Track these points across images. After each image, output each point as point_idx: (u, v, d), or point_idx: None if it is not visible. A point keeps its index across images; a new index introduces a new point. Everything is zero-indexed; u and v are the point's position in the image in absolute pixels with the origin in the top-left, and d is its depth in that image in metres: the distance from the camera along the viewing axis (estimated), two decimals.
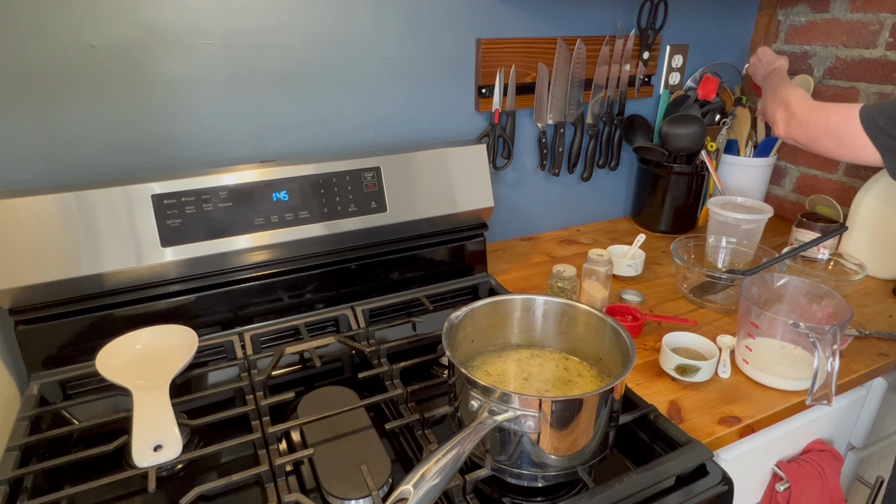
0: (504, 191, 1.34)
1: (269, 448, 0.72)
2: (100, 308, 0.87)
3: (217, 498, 0.69)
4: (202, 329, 0.92)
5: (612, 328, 0.74)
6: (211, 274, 0.93)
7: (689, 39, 1.42)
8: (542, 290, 1.13)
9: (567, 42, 1.23)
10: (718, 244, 1.19)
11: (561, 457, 0.65)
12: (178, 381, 0.81)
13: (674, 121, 1.31)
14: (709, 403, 0.83)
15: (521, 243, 1.39)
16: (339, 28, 1.03)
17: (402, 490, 0.53)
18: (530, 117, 1.29)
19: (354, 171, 0.98)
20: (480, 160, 1.09)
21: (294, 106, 1.05)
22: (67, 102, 0.89)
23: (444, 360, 0.90)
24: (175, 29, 0.92)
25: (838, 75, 1.37)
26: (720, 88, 1.42)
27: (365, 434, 0.75)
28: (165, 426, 0.71)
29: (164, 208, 0.86)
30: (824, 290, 0.90)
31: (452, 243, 1.12)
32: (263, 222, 0.92)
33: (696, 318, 1.05)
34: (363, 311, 1.02)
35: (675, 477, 0.68)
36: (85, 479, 0.66)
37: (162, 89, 0.94)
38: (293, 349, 0.89)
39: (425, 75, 1.14)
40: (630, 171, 1.50)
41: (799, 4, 1.42)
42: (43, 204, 0.80)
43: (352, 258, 1.03)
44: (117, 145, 0.94)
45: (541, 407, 0.61)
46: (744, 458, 0.87)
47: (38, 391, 0.83)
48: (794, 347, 0.87)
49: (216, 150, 1.02)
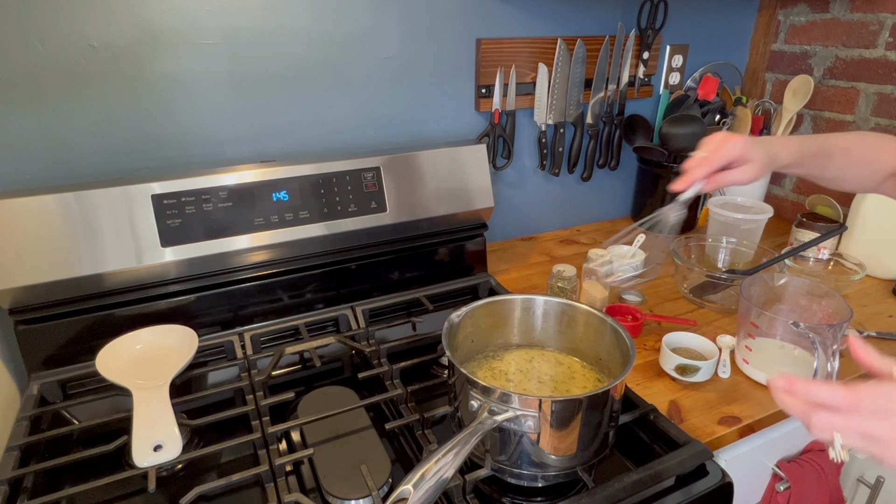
0: (504, 191, 1.34)
1: (269, 448, 0.72)
2: (100, 308, 0.87)
3: (217, 498, 0.69)
4: (202, 329, 0.92)
5: (612, 328, 0.74)
6: (211, 274, 0.93)
7: (689, 39, 1.42)
8: (542, 290, 1.13)
9: (567, 42, 1.23)
10: (718, 244, 1.19)
11: (561, 457, 0.65)
12: (178, 381, 0.81)
13: (674, 121, 1.31)
14: (709, 403, 0.83)
15: (521, 243, 1.39)
16: (339, 28, 1.03)
17: (402, 490, 0.53)
18: (530, 117, 1.29)
19: (354, 171, 0.98)
20: (480, 160, 1.09)
21: (294, 106, 1.05)
22: (67, 102, 0.89)
23: (444, 360, 0.90)
24: (175, 29, 0.92)
25: (838, 75, 1.37)
26: (720, 88, 1.42)
27: (365, 434, 0.75)
28: (165, 426, 0.71)
29: (164, 208, 0.86)
30: (824, 290, 0.90)
31: (452, 243, 1.12)
32: (263, 222, 0.92)
33: (696, 318, 1.05)
34: (363, 311, 1.02)
35: (675, 477, 0.68)
36: (85, 479, 0.66)
37: (162, 89, 0.94)
38: (293, 349, 0.89)
39: (425, 75, 1.14)
40: (630, 171, 1.50)
41: (799, 4, 1.42)
42: (43, 204, 0.80)
43: (352, 258, 1.03)
44: (117, 145, 0.94)
45: (541, 407, 0.61)
46: (744, 458, 0.87)
47: (38, 391, 0.83)
48: (794, 347, 0.87)
49: (216, 150, 1.02)
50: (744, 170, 0.69)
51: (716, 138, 0.70)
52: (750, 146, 0.68)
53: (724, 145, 0.68)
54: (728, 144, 0.68)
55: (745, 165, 0.69)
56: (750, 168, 0.69)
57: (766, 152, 0.69)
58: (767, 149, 0.70)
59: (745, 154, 0.68)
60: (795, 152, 0.72)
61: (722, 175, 0.70)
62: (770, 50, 1.51)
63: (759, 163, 0.69)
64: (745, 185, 0.71)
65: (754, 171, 0.69)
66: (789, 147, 0.72)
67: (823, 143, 0.74)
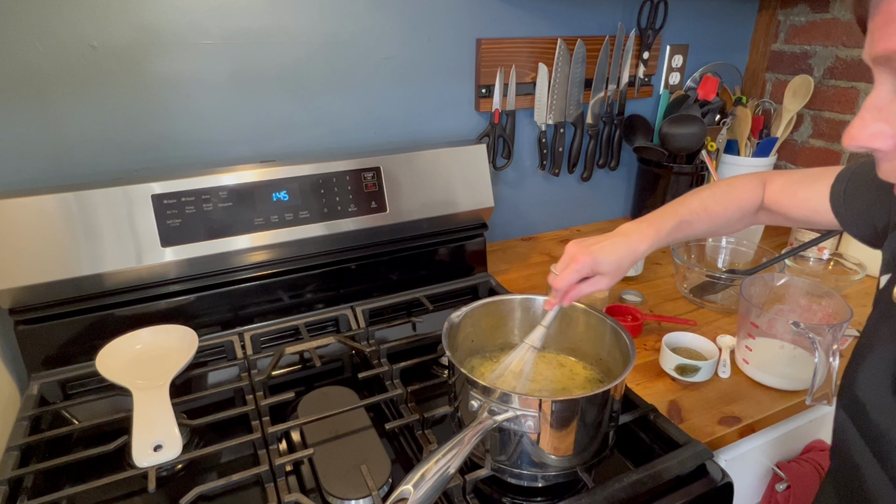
0: (504, 191, 1.34)
1: (269, 448, 0.72)
2: (100, 308, 0.87)
3: (217, 498, 0.69)
4: (202, 329, 0.92)
5: (612, 328, 0.74)
6: (211, 274, 0.93)
7: (689, 39, 1.42)
8: (542, 290, 1.13)
9: (567, 42, 1.23)
10: (718, 244, 1.19)
11: (561, 457, 0.65)
12: (178, 381, 0.81)
13: (674, 121, 1.31)
14: (709, 403, 0.83)
15: (521, 243, 1.39)
16: (340, 28, 1.03)
17: (402, 490, 0.53)
18: (530, 117, 1.29)
19: (354, 171, 0.98)
20: (480, 160, 1.09)
21: (294, 106, 1.05)
22: (67, 102, 0.89)
23: (444, 360, 0.90)
24: (175, 29, 0.92)
25: (838, 75, 1.37)
26: (720, 88, 1.42)
27: (365, 434, 0.75)
28: (165, 426, 0.71)
29: (164, 208, 0.86)
30: (824, 290, 0.90)
31: (452, 243, 1.12)
32: (263, 222, 0.92)
33: (696, 318, 1.05)
34: (363, 311, 1.02)
35: (675, 477, 0.68)
36: (85, 479, 0.66)
37: (162, 89, 0.94)
38: (293, 349, 0.89)
39: (425, 75, 1.14)
40: (630, 171, 1.50)
41: (799, 4, 1.42)
42: (43, 204, 0.80)
43: (352, 258, 1.03)
44: (117, 145, 0.94)
45: (541, 407, 0.61)
46: (744, 458, 0.87)
47: (38, 391, 0.83)
48: (794, 347, 0.87)
49: (216, 150, 1.02)
50: (596, 282, 0.71)
51: (563, 258, 0.71)
52: (598, 260, 0.69)
53: (569, 267, 0.70)
54: (572, 267, 0.69)
55: (597, 278, 0.71)
56: (603, 280, 0.71)
57: (617, 260, 0.70)
58: (618, 254, 0.71)
59: (594, 269, 0.70)
60: (653, 237, 0.73)
61: (577, 289, 0.71)
62: (770, 50, 1.51)
63: (609, 275, 0.71)
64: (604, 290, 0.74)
65: (607, 282, 0.72)
66: (647, 235, 0.73)
67: (679, 214, 0.76)
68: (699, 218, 0.77)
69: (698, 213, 0.77)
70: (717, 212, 0.78)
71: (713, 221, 0.78)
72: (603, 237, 0.72)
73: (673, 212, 0.76)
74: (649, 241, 0.73)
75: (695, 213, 0.77)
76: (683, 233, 0.77)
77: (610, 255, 0.70)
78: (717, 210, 0.78)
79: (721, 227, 0.80)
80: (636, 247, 0.72)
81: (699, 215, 0.77)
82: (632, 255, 0.72)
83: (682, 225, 0.76)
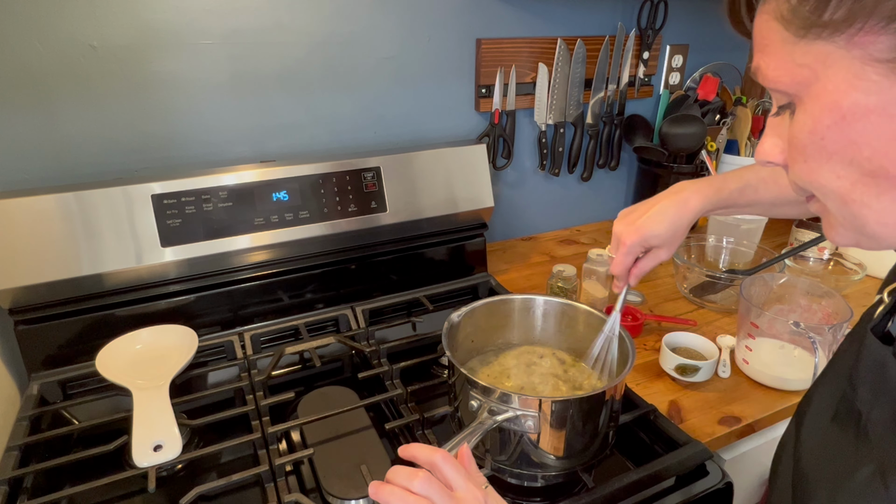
0: (504, 191, 1.34)
1: (269, 448, 0.72)
2: (100, 308, 0.87)
3: (217, 498, 0.69)
4: (202, 329, 0.92)
5: None
6: (211, 274, 0.93)
7: (689, 39, 1.42)
8: (542, 290, 1.13)
9: (567, 42, 1.23)
10: (718, 244, 1.19)
11: (561, 457, 0.65)
12: (178, 381, 0.81)
13: (674, 121, 1.31)
14: (709, 403, 0.83)
15: (521, 243, 1.39)
16: (339, 28, 1.03)
17: None
18: (530, 117, 1.29)
19: (354, 171, 0.98)
20: (480, 160, 1.09)
21: (294, 106, 1.05)
22: (68, 102, 0.89)
23: (444, 360, 0.90)
24: (175, 29, 0.92)
25: None
26: (720, 88, 1.42)
27: (365, 434, 0.75)
28: (165, 426, 0.71)
29: (164, 208, 0.86)
30: (824, 290, 0.90)
31: (452, 243, 1.12)
32: (263, 222, 0.92)
33: (696, 318, 1.05)
34: (363, 311, 1.02)
35: (675, 477, 0.68)
36: (85, 479, 0.66)
37: (162, 89, 0.94)
38: (293, 349, 0.89)
39: (425, 75, 1.14)
40: (630, 171, 1.50)
41: None
42: (43, 204, 0.80)
43: (352, 258, 1.03)
44: (117, 145, 0.94)
45: (540, 407, 0.61)
46: (744, 458, 0.87)
47: (38, 391, 0.83)
48: (794, 347, 0.87)
49: (216, 150, 1.02)
50: (654, 256, 0.68)
51: (613, 240, 0.68)
52: (646, 237, 0.66)
53: (619, 251, 0.66)
54: (621, 250, 0.66)
55: (654, 252, 0.68)
56: (661, 252, 0.68)
57: (667, 229, 0.66)
58: (667, 221, 0.66)
59: (645, 245, 0.67)
60: (711, 197, 0.68)
61: (639, 267, 0.68)
62: None
63: (665, 246, 0.67)
64: (665, 260, 0.69)
65: (665, 253, 0.68)
66: (702, 193, 0.68)
67: (744, 178, 0.70)
68: (767, 187, 0.69)
69: (767, 181, 0.69)
70: (784, 184, 0.68)
71: (781, 192, 0.69)
72: (651, 201, 0.67)
73: (737, 176, 0.69)
74: (704, 199, 0.66)
75: (763, 181, 0.69)
76: (747, 199, 0.69)
77: (657, 225, 0.65)
78: (785, 182, 0.67)
79: (782, 204, 0.71)
80: (688, 205, 0.66)
81: (767, 184, 0.69)
82: (684, 216, 0.66)
83: (747, 189, 0.68)
